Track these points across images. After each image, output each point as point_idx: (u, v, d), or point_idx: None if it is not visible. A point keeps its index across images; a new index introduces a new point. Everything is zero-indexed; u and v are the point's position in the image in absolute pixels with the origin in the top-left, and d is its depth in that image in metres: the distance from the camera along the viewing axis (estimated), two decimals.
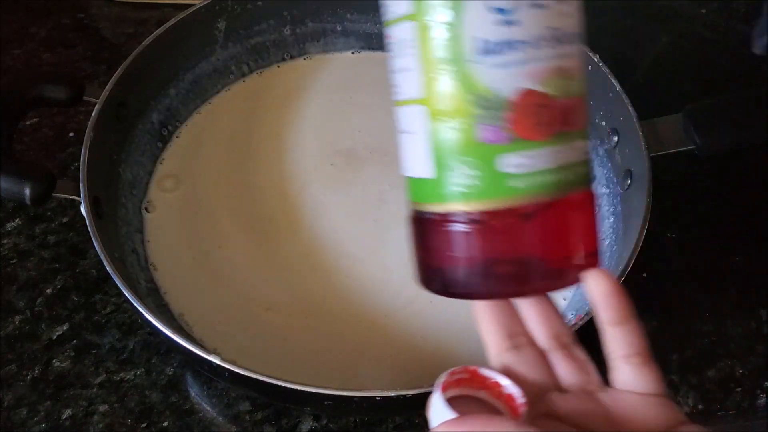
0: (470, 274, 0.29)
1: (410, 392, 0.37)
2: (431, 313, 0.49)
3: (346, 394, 0.38)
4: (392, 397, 0.38)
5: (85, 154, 0.47)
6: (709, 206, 0.60)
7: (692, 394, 0.50)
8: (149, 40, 0.54)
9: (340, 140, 0.59)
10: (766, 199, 0.60)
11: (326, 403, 0.40)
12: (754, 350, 0.52)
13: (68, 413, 0.47)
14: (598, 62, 0.53)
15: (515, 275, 0.28)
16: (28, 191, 0.45)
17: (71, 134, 0.62)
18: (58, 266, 0.54)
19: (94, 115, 0.49)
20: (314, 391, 0.38)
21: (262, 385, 0.39)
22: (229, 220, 0.54)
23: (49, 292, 0.53)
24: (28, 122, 0.62)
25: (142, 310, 0.41)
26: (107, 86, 0.50)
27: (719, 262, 0.56)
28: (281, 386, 0.38)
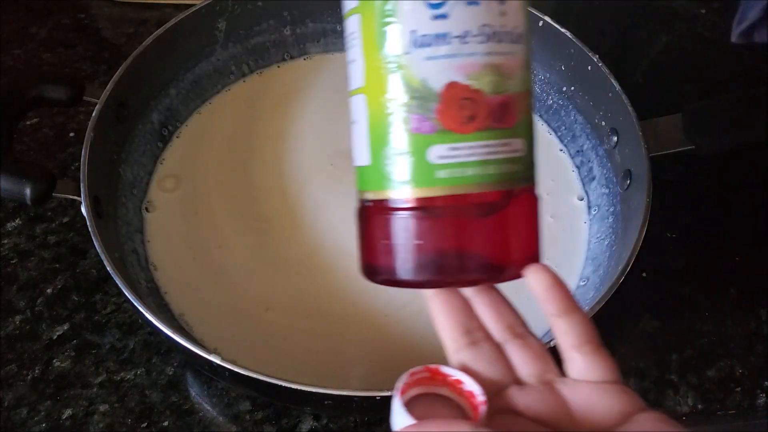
0: (402, 262, 0.29)
1: None
2: None
3: (346, 394, 0.38)
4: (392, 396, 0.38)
5: (85, 154, 0.47)
6: (709, 206, 0.60)
7: (692, 393, 0.50)
8: (149, 40, 0.54)
9: (340, 140, 0.59)
10: (766, 199, 0.60)
11: (326, 403, 0.40)
12: (753, 350, 0.52)
13: (68, 413, 0.47)
14: (598, 62, 0.53)
15: (444, 266, 0.29)
16: (28, 191, 0.45)
17: (71, 134, 0.62)
18: (58, 266, 0.54)
19: (94, 115, 0.49)
20: (314, 391, 0.38)
21: (262, 384, 0.39)
22: (229, 220, 0.54)
23: (49, 292, 0.53)
24: (28, 122, 0.62)
25: (142, 310, 0.41)
26: (107, 86, 0.50)
27: (719, 262, 0.57)
28: (281, 386, 0.38)
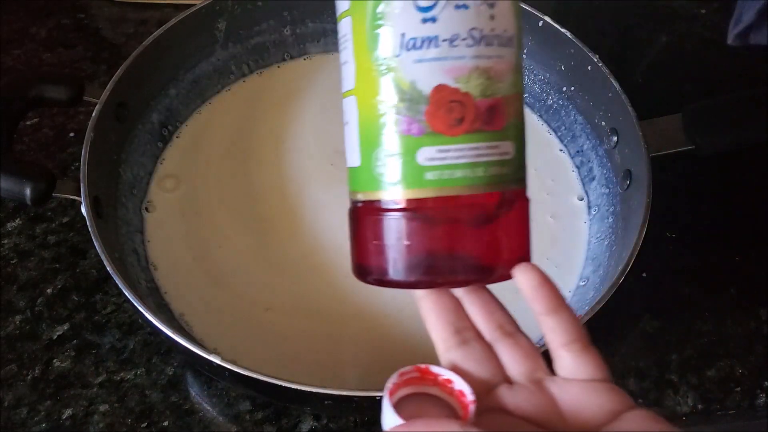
0: (392, 263, 0.29)
1: None
2: None
3: (346, 394, 0.38)
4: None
5: (85, 154, 0.47)
6: (709, 206, 0.60)
7: (692, 393, 0.50)
8: (149, 40, 0.54)
9: (340, 140, 0.57)
10: (766, 199, 0.60)
11: (326, 402, 0.40)
12: (753, 350, 0.52)
13: (68, 413, 0.47)
14: (598, 62, 0.53)
15: (434, 267, 0.29)
16: (28, 191, 0.45)
17: (71, 134, 0.62)
18: (58, 266, 0.54)
19: (94, 115, 0.49)
20: (314, 391, 0.38)
21: (262, 384, 0.39)
22: (229, 220, 0.55)
23: (49, 292, 0.53)
24: (28, 122, 0.62)
25: (142, 310, 0.41)
26: (107, 86, 0.50)
27: (719, 262, 0.57)
28: (281, 386, 0.38)
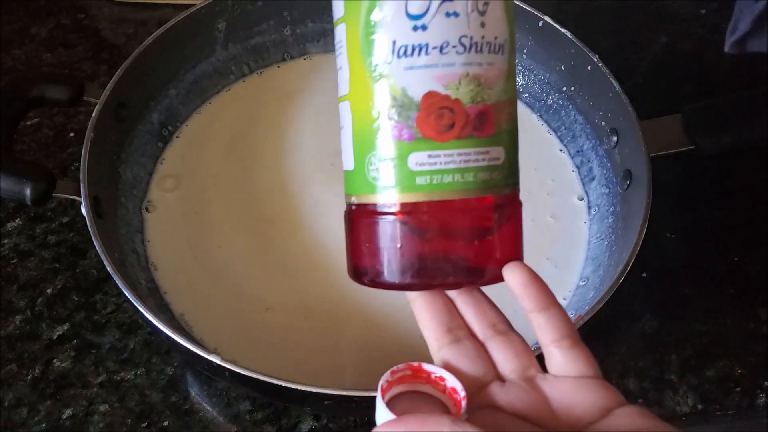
0: (385, 265, 0.30)
1: None
2: None
3: (346, 394, 0.38)
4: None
5: (85, 154, 0.47)
6: (709, 206, 0.60)
7: (691, 393, 0.50)
8: (149, 40, 0.54)
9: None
10: (766, 199, 0.60)
11: (326, 403, 0.40)
12: (753, 350, 0.52)
13: (68, 413, 0.47)
14: (598, 62, 0.53)
15: (426, 270, 0.29)
16: (28, 191, 0.45)
17: (71, 134, 0.62)
18: (58, 266, 0.54)
19: (94, 115, 0.49)
20: (314, 391, 0.38)
21: (262, 384, 0.39)
22: (229, 220, 0.55)
23: (49, 292, 0.53)
24: (28, 122, 0.62)
25: (142, 310, 0.41)
26: (107, 86, 0.50)
27: (718, 261, 0.57)
28: (281, 386, 0.38)
